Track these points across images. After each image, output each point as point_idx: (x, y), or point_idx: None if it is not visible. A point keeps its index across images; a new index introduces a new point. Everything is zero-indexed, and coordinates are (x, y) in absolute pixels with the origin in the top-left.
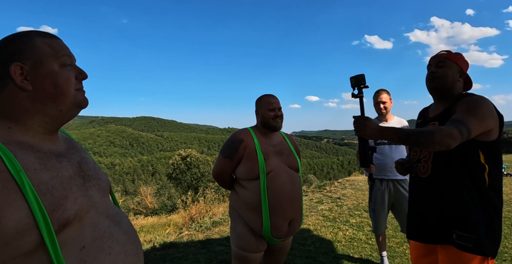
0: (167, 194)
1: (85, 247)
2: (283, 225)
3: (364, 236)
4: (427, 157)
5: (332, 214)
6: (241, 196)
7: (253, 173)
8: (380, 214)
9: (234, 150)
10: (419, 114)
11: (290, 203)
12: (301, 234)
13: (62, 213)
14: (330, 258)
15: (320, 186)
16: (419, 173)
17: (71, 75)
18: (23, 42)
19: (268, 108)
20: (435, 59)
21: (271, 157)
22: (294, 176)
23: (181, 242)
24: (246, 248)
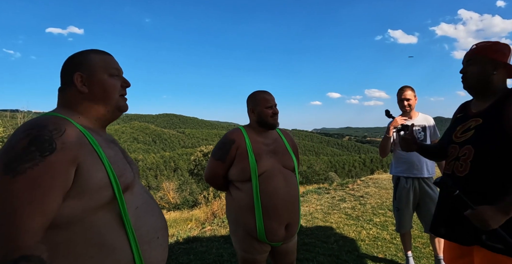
0: (188, 189)
1: (138, 207)
2: (278, 229)
3: (388, 236)
4: (466, 155)
5: (355, 212)
6: (235, 197)
7: (244, 174)
8: (405, 213)
9: (226, 151)
10: (460, 108)
11: (286, 205)
12: (324, 231)
13: (125, 179)
14: (354, 256)
15: (343, 183)
16: (456, 171)
17: (117, 83)
18: (83, 57)
19: (265, 106)
20: (465, 57)
21: (264, 157)
22: (289, 176)
23: (204, 236)
24: (250, 250)
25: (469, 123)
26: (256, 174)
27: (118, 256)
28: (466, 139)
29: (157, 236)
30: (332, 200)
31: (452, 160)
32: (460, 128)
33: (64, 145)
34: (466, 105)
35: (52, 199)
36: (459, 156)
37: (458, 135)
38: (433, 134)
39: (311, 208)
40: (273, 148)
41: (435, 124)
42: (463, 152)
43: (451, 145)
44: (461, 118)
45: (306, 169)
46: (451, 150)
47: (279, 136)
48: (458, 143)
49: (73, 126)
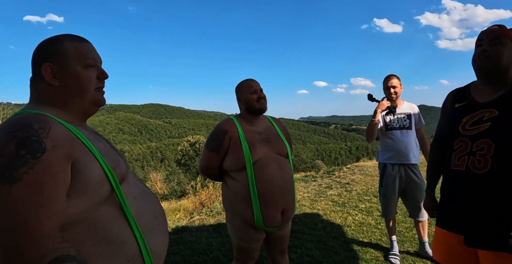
0: (176, 179)
1: (136, 197)
2: (275, 215)
3: (373, 221)
4: (485, 150)
5: (342, 199)
6: (231, 187)
7: (239, 163)
8: (391, 200)
9: (219, 142)
10: (456, 96)
11: (281, 191)
12: (311, 219)
13: (120, 170)
14: (341, 242)
15: (329, 171)
16: (473, 168)
17: (93, 75)
18: (54, 45)
19: (250, 92)
20: (488, 34)
21: (257, 145)
22: (284, 163)
23: (193, 226)
24: (246, 239)
25: (479, 115)
26: (251, 162)
27: (126, 249)
28: (480, 132)
29: (158, 223)
30: (319, 188)
31: (464, 155)
32: (468, 119)
33: (54, 143)
34: (464, 94)
35: (59, 197)
36: (474, 150)
37: (467, 127)
38: (418, 121)
39: (299, 195)
40: (265, 136)
41: (419, 112)
42: (479, 146)
43: (458, 138)
44: (464, 108)
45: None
46: (459, 144)
47: (271, 123)
48: (468, 136)
49: (56, 122)
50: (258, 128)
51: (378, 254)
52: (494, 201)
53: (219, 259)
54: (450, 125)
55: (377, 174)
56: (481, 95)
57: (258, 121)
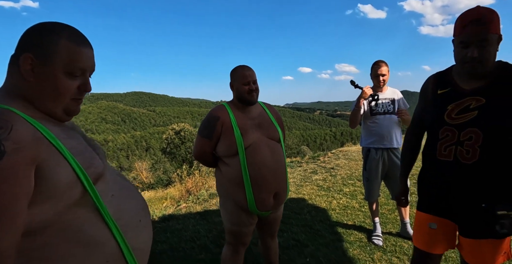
0: (162, 168)
1: (114, 195)
2: (267, 199)
3: (357, 204)
4: (473, 140)
5: (326, 183)
6: (224, 172)
7: (231, 149)
8: (374, 183)
9: (212, 128)
10: (438, 82)
11: (273, 175)
12: (297, 203)
13: (95, 169)
14: (326, 225)
15: (314, 156)
16: (461, 158)
17: (74, 85)
18: (49, 38)
19: (242, 82)
20: (475, 37)
21: (249, 131)
22: (276, 147)
23: (179, 214)
24: (238, 223)
25: (465, 102)
26: (243, 148)
27: (104, 250)
28: (467, 121)
29: (139, 219)
30: (304, 173)
31: (451, 144)
32: (454, 107)
33: (16, 145)
34: (447, 79)
35: (19, 210)
36: (461, 140)
37: (453, 115)
38: (402, 105)
39: None
40: (258, 122)
41: (403, 97)
42: (467, 135)
43: (444, 127)
44: (449, 95)
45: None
46: (444, 133)
47: (263, 109)
48: (455, 125)
49: (21, 119)
50: (250, 114)
51: (362, 236)
52: (482, 190)
53: (206, 246)
54: (434, 113)
55: (361, 159)
56: (465, 82)
57: (251, 108)
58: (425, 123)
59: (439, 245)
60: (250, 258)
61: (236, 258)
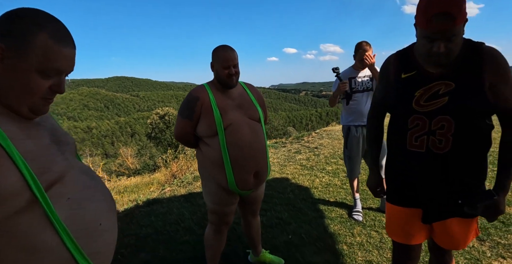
0: (148, 154)
1: (70, 198)
2: (248, 178)
3: (339, 182)
4: (445, 128)
5: (310, 162)
6: (205, 153)
7: (211, 129)
8: (355, 161)
9: (191, 109)
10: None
11: (253, 155)
12: (280, 183)
13: (50, 175)
14: (308, 203)
15: (299, 137)
16: (434, 148)
17: (45, 85)
18: (27, 30)
19: (223, 66)
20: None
21: (229, 111)
22: (256, 127)
23: (164, 198)
24: (220, 203)
25: (434, 88)
26: (222, 128)
27: (52, 256)
28: (438, 108)
29: (99, 222)
30: (288, 153)
31: (422, 134)
32: (422, 93)
33: None
34: (410, 61)
35: None
36: (433, 129)
37: (422, 102)
38: None
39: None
40: (238, 102)
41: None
42: (438, 124)
43: (413, 115)
44: (414, 80)
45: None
46: (414, 122)
47: (244, 89)
48: (424, 113)
49: None
50: (231, 94)
51: (343, 212)
52: (455, 178)
53: (191, 228)
54: (400, 100)
55: None
56: (432, 66)
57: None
58: (390, 108)
59: (416, 236)
60: (234, 237)
61: (219, 237)
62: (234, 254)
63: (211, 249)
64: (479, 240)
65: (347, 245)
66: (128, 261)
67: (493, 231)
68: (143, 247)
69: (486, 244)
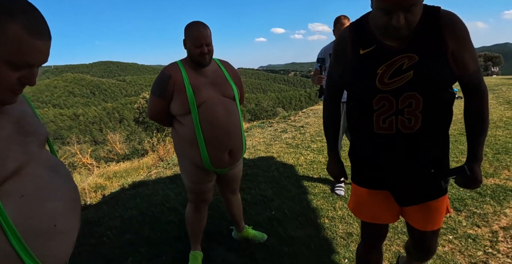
0: (137, 139)
1: (24, 195)
2: (222, 156)
3: (323, 159)
4: (413, 106)
5: (295, 141)
6: (179, 131)
7: (184, 107)
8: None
9: (164, 87)
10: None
11: (227, 133)
12: (265, 162)
13: (3, 171)
14: (292, 180)
15: (285, 116)
16: (403, 129)
17: (13, 76)
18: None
19: (194, 44)
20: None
21: (202, 89)
22: (230, 105)
23: (150, 180)
24: (196, 181)
25: (397, 62)
26: (195, 105)
27: None
28: (403, 85)
29: (54, 223)
30: (274, 132)
31: (390, 115)
32: (385, 70)
33: None
34: (367, 35)
35: None
36: (400, 108)
37: (386, 80)
38: None
39: (254, 141)
40: (212, 79)
41: None
42: (406, 102)
43: (378, 95)
44: (374, 55)
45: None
46: (380, 102)
47: (219, 66)
48: (390, 91)
49: None
50: (204, 71)
51: (326, 187)
52: (425, 155)
53: (176, 208)
54: (362, 79)
55: None
56: (391, 39)
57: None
58: (350, 90)
59: (383, 217)
60: (217, 214)
61: (198, 215)
62: (217, 231)
63: (192, 227)
64: (456, 210)
65: (328, 219)
66: (113, 243)
67: (469, 202)
68: (128, 229)
69: (462, 214)
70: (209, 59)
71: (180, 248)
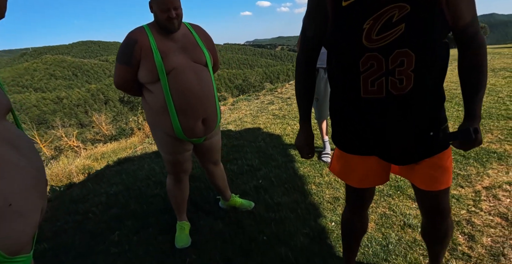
0: (124, 119)
1: None
2: (195, 125)
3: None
4: (405, 65)
5: (282, 112)
6: (148, 100)
7: (152, 75)
8: (323, 103)
9: (129, 54)
10: None
11: (199, 101)
12: (252, 133)
13: None
14: (279, 150)
15: (272, 89)
16: (394, 90)
17: None
18: None
19: (160, 8)
20: None
21: (171, 54)
22: (201, 72)
23: (135, 156)
24: (172, 151)
25: (385, 15)
26: (164, 73)
27: None
28: (393, 40)
29: (9, 203)
30: (261, 104)
31: (379, 77)
32: (372, 25)
33: None
34: None
35: None
36: (390, 68)
37: (374, 36)
38: None
39: (241, 113)
40: (181, 44)
41: None
42: (397, 60)
43: (365, 55)
44: (359, 8)
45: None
46: (367, 63)
47: (189, 30)
48: (378, 49)
49: None
50: (173, 36)
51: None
52: (418, 117)
53: (161, 181)
54: (346, 37)
55: None
56: None
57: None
58: (331, 50)
59: (371, 180)
60: (203, 185)
61: (179, 186)
62: (204, 201)
63: (175, 198)
64: None
65: (315, 185)
66: (99, 218)
67: (453, 164)
68: (114, 204)
69: None
70: (177, 24)
71: (166, 219)
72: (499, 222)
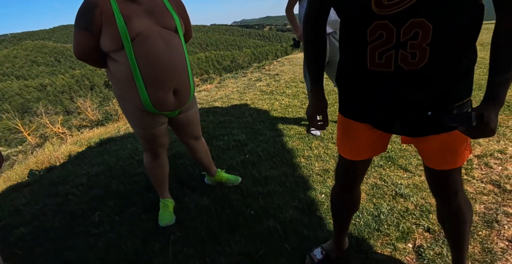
0: (111, 104)
1: None
2: (166, 97)
3: (299, 103)
4: (419, 38)
5: (270, 88)
6: (113, 70)
7: (116, 42)
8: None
9: (89, 18)
10: None
11: (168, 70)
12: (239, 109)
13: None
14: (267, 124)
15: (259, 66)
16: (405, 65)
17: None
18: None
19: None
20: None
21: (135, 19)
22: (171, 38)
23: (118, 136)
24: (144, 126)
25: None
26: (128, 39)
27: None
28: (408, 8)
29: None
30: (248, 81)
31: (389, 49)
32: None
33: None
34: None
35: None
36: (402, 41)
37: (386, 1)
38: None
39: (228, 91)
40: (148, 7)
41: None
42: (410, 32)
43: (373, 23)
44: None
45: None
46: (376, 32)
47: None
48: (389, 16)
49: None
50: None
51: (301, 129)
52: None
53: None
54: (353, 1)
55: None
56: None
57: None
58: (338, 14)
59: (365, 152)
60: (189, 162)
61: (158, 162)
62: (190, 178)
63: (155, 176)
64: None
65: (304, 158)
66: (80, 199)
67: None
68: (95, 185)
69: None
70: None
71: (150, 198)
72: (492, 189)
